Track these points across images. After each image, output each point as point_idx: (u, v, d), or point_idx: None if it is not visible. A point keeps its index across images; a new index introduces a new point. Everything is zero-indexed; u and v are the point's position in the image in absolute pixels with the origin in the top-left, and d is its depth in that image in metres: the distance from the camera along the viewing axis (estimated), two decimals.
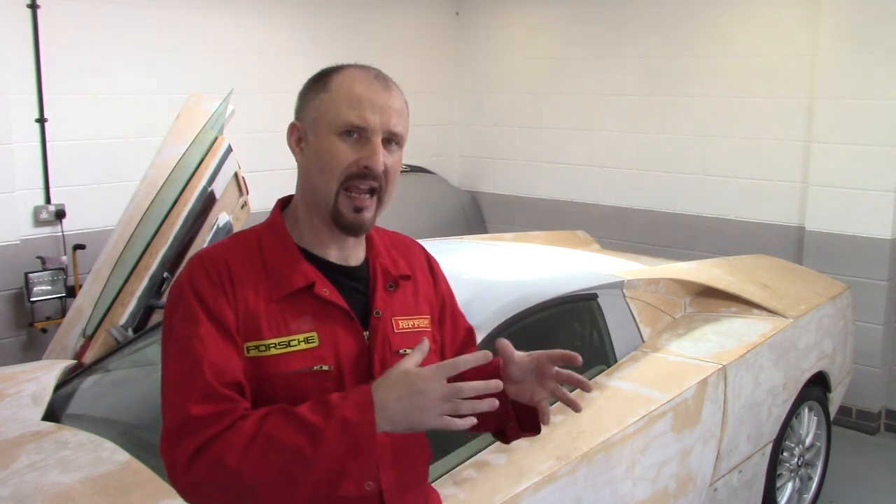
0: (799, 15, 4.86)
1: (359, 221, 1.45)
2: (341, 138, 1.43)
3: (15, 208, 4.29)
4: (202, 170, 3.57)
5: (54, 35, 4.37)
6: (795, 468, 3.65)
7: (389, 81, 1.50)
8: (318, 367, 1.41)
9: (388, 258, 1.58)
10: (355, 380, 1.43)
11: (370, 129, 1.43)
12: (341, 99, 1.44)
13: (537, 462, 2.32)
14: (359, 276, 1.53)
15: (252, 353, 1.40)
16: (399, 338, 1.51)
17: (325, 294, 1.45)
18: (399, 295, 1.55)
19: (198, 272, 1.43)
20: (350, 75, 1.48)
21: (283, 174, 5.38)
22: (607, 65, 5.73)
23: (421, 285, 1.61)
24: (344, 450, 1.28)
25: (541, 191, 6.16)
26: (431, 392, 1.29)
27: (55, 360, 3.25)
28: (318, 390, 1.39)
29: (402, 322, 1.53)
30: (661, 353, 3.09)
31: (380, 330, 1.49)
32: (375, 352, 1.47)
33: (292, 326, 1.42)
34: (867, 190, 4.57)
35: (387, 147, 1.46)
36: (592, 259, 3.78)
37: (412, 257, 1.65)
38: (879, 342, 4.68)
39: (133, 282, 3.44)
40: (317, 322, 1.43)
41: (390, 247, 1.62)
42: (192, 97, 3.77)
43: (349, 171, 1.43)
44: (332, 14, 5.65)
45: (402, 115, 1.49)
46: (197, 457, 1.30)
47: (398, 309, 1.54)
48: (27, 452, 2.35)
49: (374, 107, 1.44)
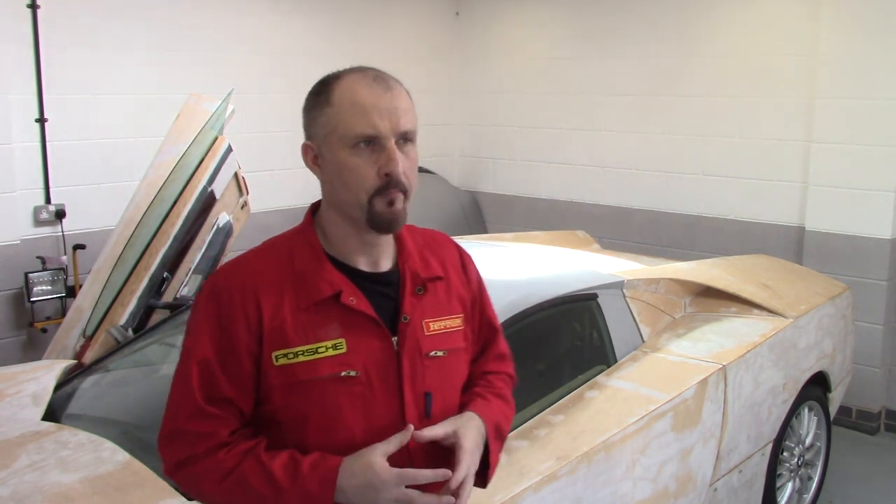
0: (799, 15, 4.86)
1: (393, 216, 1.45)
2: (356, 151, 1.44)
3: (15, 208, 4.29)
4: (202, 170, 3.57)
5: (54, 35, 4.37)
6: (795, 468, 3.65)
7: (389, 80, 1.49)
8: (346, 373, 1.44)
9: (420, 260, 1.58)
10: (384, 385, 1.47)
11: (382, 135, 1.43)
12: (346, 111, 1.44)
13: (537, 462, 2.32)
14: (388, 281, 1.54)
15: (281, 361, 1.43)
16: (429, 340, 1.53)
17: (352, 302, 1.46)
18: (429, 297, 1.56)
19: (222, 288, 1.47)
20: (350, 83, 1.46)
21: (283, 174, 5.39)
22: (607, 65, 5.73)
23: (453, 284, 1.62)
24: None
25: (541, 191, 6.16)
26: (386, 493, 1.37)
27: (55, 360, 3.25)
28: (347, 395, 1.44)
29: (434, 324, 1.54)
30: (661, 353, 3.09)
31: (408, 335, 1.50)
32: (405, 356, 1.49)
33: (320, 334, 1.44)
34: (867, 190, 4.57)
35: (402, 147, 1.46)
36: (592, 259, 3.78)
37: (445, 255, 1.64)
38: (879, 342, 4.68)
39: (133, 282, 3.44)
40: (344, 329, 1.46)
41: (423, 247, 1.61)
42: (192, 97, 3.77)
43: (375, 185, 1.44)
44: (333, 14, 5.66)
45: (409, 111, 1.48)
46: (181, 468, 1.45)
47: (429, 311, 1.55)
48: (27, 452, 2.35)
49: (380, 111, 1.43)
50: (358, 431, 1.45)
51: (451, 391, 1.57)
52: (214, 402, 1.43)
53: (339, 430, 1.44)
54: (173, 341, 3.11)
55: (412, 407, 1.49)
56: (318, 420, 1.44)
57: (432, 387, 1.52)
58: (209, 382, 1.44)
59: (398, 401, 1.48)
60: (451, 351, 1.56)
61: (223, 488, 1.41)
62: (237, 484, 1.40)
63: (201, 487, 1.45)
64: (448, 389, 1.56)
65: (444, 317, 1.57)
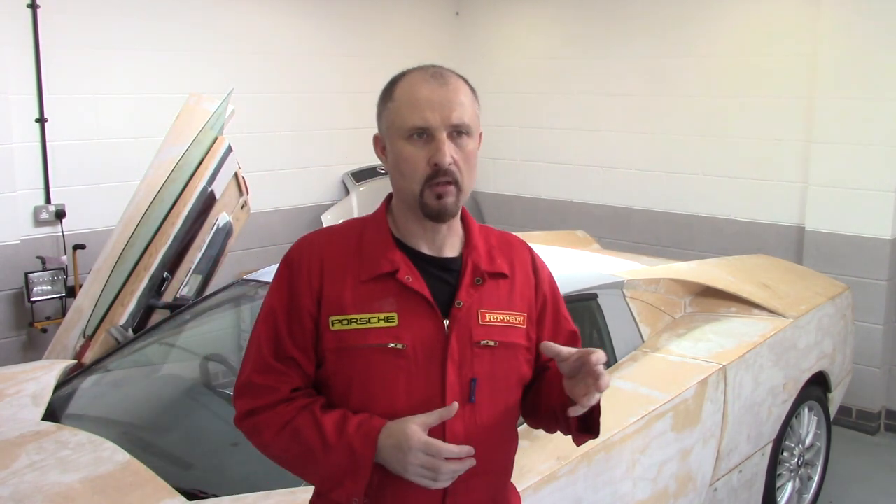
0: (799, 15, 4.86)
1: (441, 207, 1.54)
2: (410, 142, 1.54)
3: (15, 208, 4.29)
4: (202, 170, 3.57)
5: (54, 35, 4.37)
6: (795, 468, 3.65)
7: (448, 76, 1.59)
8: (394, 345, 1.53)
9: (486, 256, 1.64)
10: (429, 363, 1.54)
11: (432, 127, 1.52)
12: (403, 105, 1.55)
13: (537, 462, 2.32)
14: (450, 267, 1.61)
15: (336, 326, 1.55)
16: (483, 330, 1.58)
17: (408, 280, 1.56)
18: (490, 290, 1.61)
19: (295, 255, 1.62)
20: (409, 80, 1.58)
21: (284, 174, 5.39)
22: (607, 65, 5.73)
23: (519, 285, 1.67)
24: (343, 467, 1.50)
25: (541, 191, 6.16)
26: (413, 457, 1.45)
27: (55, 360, 3.25)
28: (392, 367, 1.53)
29: (491, 315, 1.60)
30: (661, 353, 3.09)
31: (460, 320, 1.56)
32: (453, 339, 1.55)
33: (374, 306, 1.54)
34: (867, 190, 4.58)
35: (456, 139, 1.54)
36: (592, 259, 3.78)
37: (515, 257, 1.70)
38: (879, 342, 4.68)
39: (133, 282, 3.44)
40: (399, 305, 1.55)
41: (493, 246, 1.68)
42: (192, 97, 3.77)
43: (425, 175, 1.53)
44: (333, 14, 5.65)
45: (465, 105, 1.56)
46: (247, 417, 1.57)
47: (487, 302, 1.60)
48: (27, 452, 2.36)
49: (432, 105, 1.52)
50: (399, 403, 1.52)
51: (501, 383, 1.61)
52: (280, 359, 1.56)
53: (381, 398, 1.53)
54: (173, 341, 3.12)
55: (455, 389, 1.54)
56: (362, 387, 1.54)
57: (480, 374, 1.57)
58: (276, 340, 1.57)
59: (440, 380, 1.54)
60: (504, 344, 1.60)
61: (280, 438, 1.53)
62: (292, 434, 1.52)
63: (262, 436, 1.55)
64: (499, 380, 1.60)
65: (505, 311, 1.62)
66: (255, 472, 2.44)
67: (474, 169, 1.59)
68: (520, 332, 1.63)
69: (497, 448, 1.63)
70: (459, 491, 1.55)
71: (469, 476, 1.53)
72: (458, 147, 1.54)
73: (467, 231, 1.66)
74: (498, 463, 1.66)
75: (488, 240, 1.68)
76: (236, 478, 2.41)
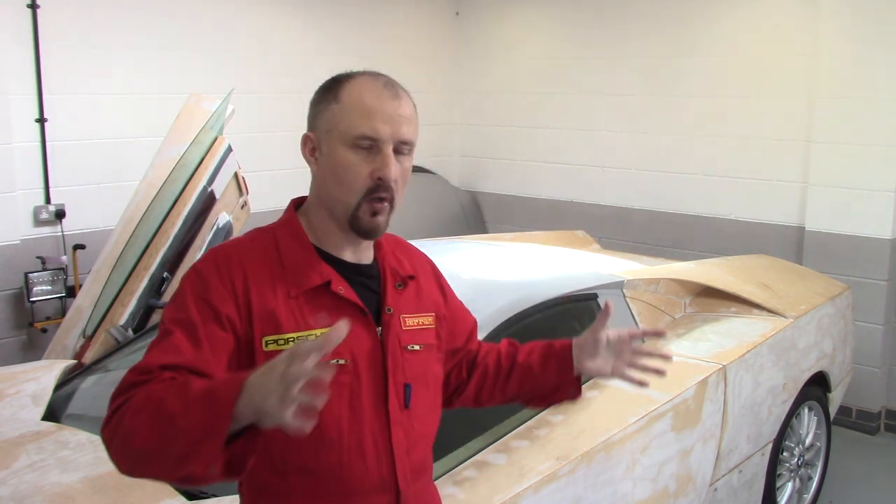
0: (799, 15, 4.86)
1: (374, 226, 1.50)
2: (354, 150, 1.47)
3: (15, 208, 4.28)
4: (202, 170, 3.57)
5: (54, 35, 4.37)
6: (795, 468, 3.65)
7: (399, 89, 1.53)
8: (336, 361, 1.44)
9: (395, 259, 1.63)
10: (371, 374, 1.50)
11: (381, 139, 1.47)
12: (352, 110, 1.47)
13: (537, 462, 2.32)
14: (371, 274, 1.58)
15: (271, 346, 1.43)
16: (407, 335, 1.57)
17: (341, 292, 1.50)
18: (406, 294, 1.61)
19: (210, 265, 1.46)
20: (360, 85, 1.50)
21: (283, 174, 5.39)
22: (607, 65, 5.73)
23: (423, 285, 1.67)
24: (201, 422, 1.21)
25: (541, 191, 6.16)
26: (276, 369, 1.17)
27: (55, 360, 3.25)
28: (336, 383, 1.40)
29: (409, 320, 1.59)
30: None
31: (392, 326, 1.55)
32: (388, 347, 1.53)
33: (310, 322, 1.46)
34: (867, 190, 4.57)
35: (398, 155, 1.49)
36: (592, 259, 3.78)
37: (413, 258, 1.70)
38: (879, 342, 4.68)
39: (133, 282, 3.44)
40: (333, 318, 1.45)
41: (394, 247, 1.67)
42: (192, 97, 3.77)
43: (366, 186, 1.47)
44: (333, 14, 5.65)
45: (412, 121, 1.52)
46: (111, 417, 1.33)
47: (405, 307, 1.59)
48: (27, 452, 2.36)
49: (384, 117, 1.47)
50: (344, 419, 1.48)
51: (425, 386, 1.61)
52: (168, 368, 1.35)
53: (327, 418, 1.44)
54: None
55: (393, 397, 1.53)
56: None
57: (411, 379, 1.56)
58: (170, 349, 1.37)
59: (383, 390, 1.51)
60: (425, 346, 1.60)
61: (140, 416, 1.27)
62: (155, 406, 1.26)
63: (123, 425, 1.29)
64: (424, 384, 1.60)
65: (419, 314, 1.61)
66: None
67: (406, 188, 1.54)
68: (432, 333, 1.63)
69: (426, 449, 1.64)
70: (409, 497, 1.54)
71: (414, 481, 1.55)
72: (398, 163, 1.49)
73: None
74: (429, 462, 1.67)
75: (389, 243, 1.66)
76: None
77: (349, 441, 1.48)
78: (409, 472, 1.54)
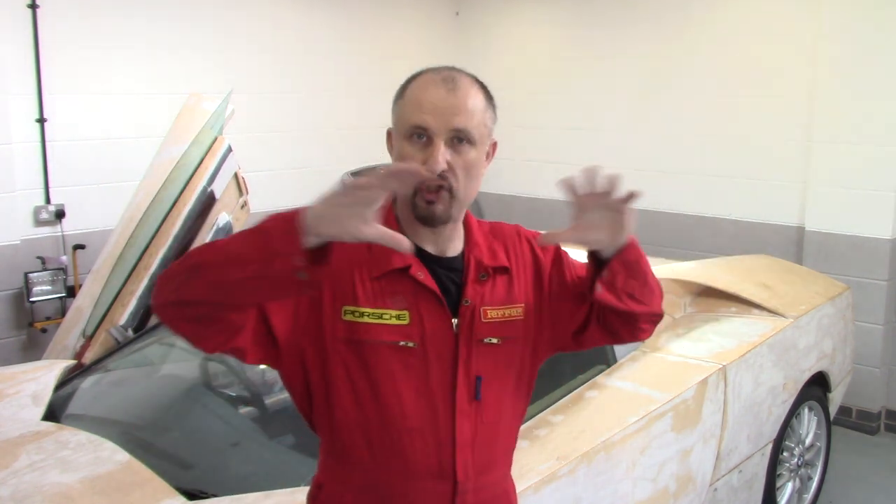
0: (799, 14, 4.86)
1: (430, 213, 1.51)
2: (410, 142, 1.52)
3: (15, 208, 4.29)
4: (202, 170, 3.57)
5: (54, 35, 4.37)
6: (795, 468, 3.65)
7: (460, 80, 1.54)
8: (405, 343, 1.51)
9: (487, 250, 1.63)
10: (440, 361, 1.53)
11: (431, 130, 1.49)
12: (410, 104, 1.53)
13: (537, 462, 2.32)
14: (454, 266, 1.60)
15: (348, 316, 1.50)
16: (486, 327, 1.57)
17: (420, 277, 1.53)
18: (491, 285, 1.60)
19: None
20: (421, 80, 1.56)
21: (284, 174, 5.39)
22: (607, 65, 5.72)
23: (519, 274, 1.64)
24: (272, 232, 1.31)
25: (541, 191, 6.15)
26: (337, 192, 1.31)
27: (55, 360, 3.25)
28: (403, 364, 1.51)
29: (492, 312, 1.59)
30: (661, 353, 3.09)
31: (468, 318, 1.56)
32: (462, 337, 1.55)
33: (387, 302, 1.52)
34: (867, 190, 4.57)
35: (456, 146, 1.51)
36: None
37: (510, 244, 1.67)
38: (879, 342, 4.68)
39: (133, 282, 3.44)
40: (410, 302, 1.53)
41: (491, 239, 1.66)
42: (192, 97, 3.77)
43: None
44: (333, 14, 5.65)
45: (471, 112, 1.52)
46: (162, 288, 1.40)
47: (489, 299, 1.59)
48: (27, 452, 2.36)
49: (435, 108, 1.49)
50: (407, 401, 1.51)
51: (503, 379, 1.61)
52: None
53: (390, 395, 1.51)
54: (173, 341, 3.12)
55: (463, 387, 1.54)
56: (371, 382, 1.51)
57: (483, 371, 1.57)
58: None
59: (451, 379, 1.54)
60: (506, 339, 1.60)
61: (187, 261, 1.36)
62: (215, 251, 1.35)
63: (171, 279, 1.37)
64: (500, 377, 1.60)
65: (505, 306, 1.61)
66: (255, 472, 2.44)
67: (476, 179, 1.56)
68: (519, 324, 1.62)
69: (503, 444, 1.65)
70: (468, 490, 1.55)
71: (477, 474, 1.56)
72: (457, 154, 1.51)
73: (468, 230, 1.65)
74: (504, 459, 1.67)
75: (486, 234, 1.67)
76: (236, 478, 2.41)
77: (411, 423, 1.52)
78: (470, 465, 1.55)
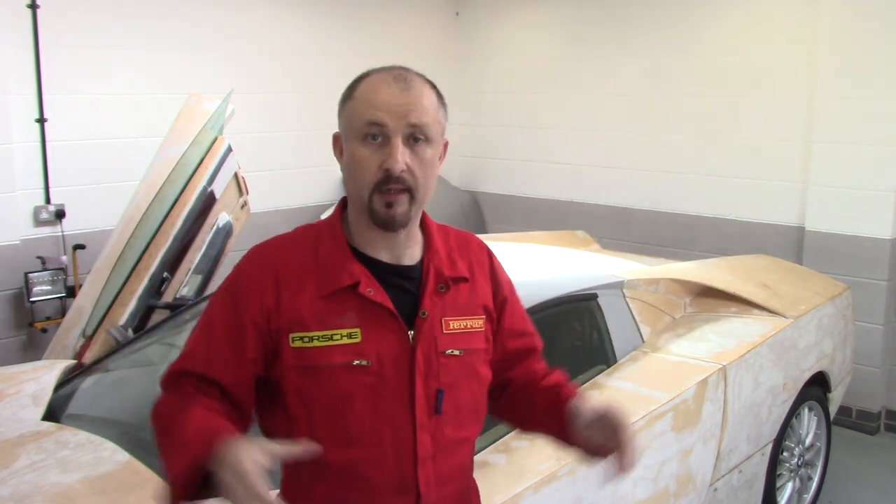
0: (799, 14, 4.86)
1: (389, 217, 1.47)
2: (364, 143, 1.47)
3: (15, 208, 4.28)
4: (202, 170, 3.57)
5: (54, 35, 4.37)
6: (795, 468, 3.65)
7: (412, 79, 1.52)
8: (359, 362, 1.47)
9: (447, 259, 1.59)
10: (397, 377, 1.49)
11: (388, 127, 1.46)
12: (362, 104, 1.48)
13: (537, 462, 2.32)
14: (411, 275, 1.55)
15: (297, 343, 1.47)
16: (447, 338, 1.54)
17: (370, 293, 1.49)
18: (451, 296, 1.56)
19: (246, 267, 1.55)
20: (371, 80, 1.51)
21: (284, 174, 5.39)
22: (607, 65, 5.72)
23: (479, 286, 1.62)
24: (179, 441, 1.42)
25: (541, 191, 6.16)
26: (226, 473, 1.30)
27: (55, 360, 3.25)
28: (358, 384, 1.47)
29: (453, 322, 1.55)
30: (661, 353, 3.09)
31: (425, 330, 1.52)
32: (419, 351, 1.51)
33: (336, 321, 1.47)
34: (867, 190, 4.57)
35: (413, 145, 1.48)
36: (592, 259, 3.78)
37: (474, 257, 1.65)
38: (879, 342, 4.68)
39: (133, 282, 3.44)
40: (361, 319, 1.48)
41: (452, 248, 1.62)
42: (192, 97, 3.77)
43: (375, 180, 1.46)
44: (333, 14, 5.65)
45: (425, 109, 1.50)
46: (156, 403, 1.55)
47: (450, 310, 1.56)
48: (27, 452, 2.35)
49: (390, 107, 1.46)
50: (366, 419, 1.48)
51: (465, 391, 1.58)
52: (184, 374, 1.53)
53: (348, 417, 1.47)
54: (173, 341, 3.11)
55: (422, 401, 1.51)
56: (328, 406, 1.48)
57: (446, 384, 1.53)
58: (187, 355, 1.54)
59: (409, 394, 1.50)
60: (468, 351, 1.57)
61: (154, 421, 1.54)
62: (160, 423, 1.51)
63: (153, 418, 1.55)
64: (463, 389, 1.57)
65: (466, 317, 1.57)
66: None
67: (432, 178, 1.52)
68: (480, 336, 1.59)
69: (465, 452, 1.62)
70: (431, 501, 1.53)
71: (439, 485, 1.53)
72: (414, 153, 1.47)
73: (427, 236, 1.59)
74: (464, 467, 1.64)
75: (447, 241, 1.62)
76: None
77: (370, 440, 1.49)
78: (433, 478, 1.52)
